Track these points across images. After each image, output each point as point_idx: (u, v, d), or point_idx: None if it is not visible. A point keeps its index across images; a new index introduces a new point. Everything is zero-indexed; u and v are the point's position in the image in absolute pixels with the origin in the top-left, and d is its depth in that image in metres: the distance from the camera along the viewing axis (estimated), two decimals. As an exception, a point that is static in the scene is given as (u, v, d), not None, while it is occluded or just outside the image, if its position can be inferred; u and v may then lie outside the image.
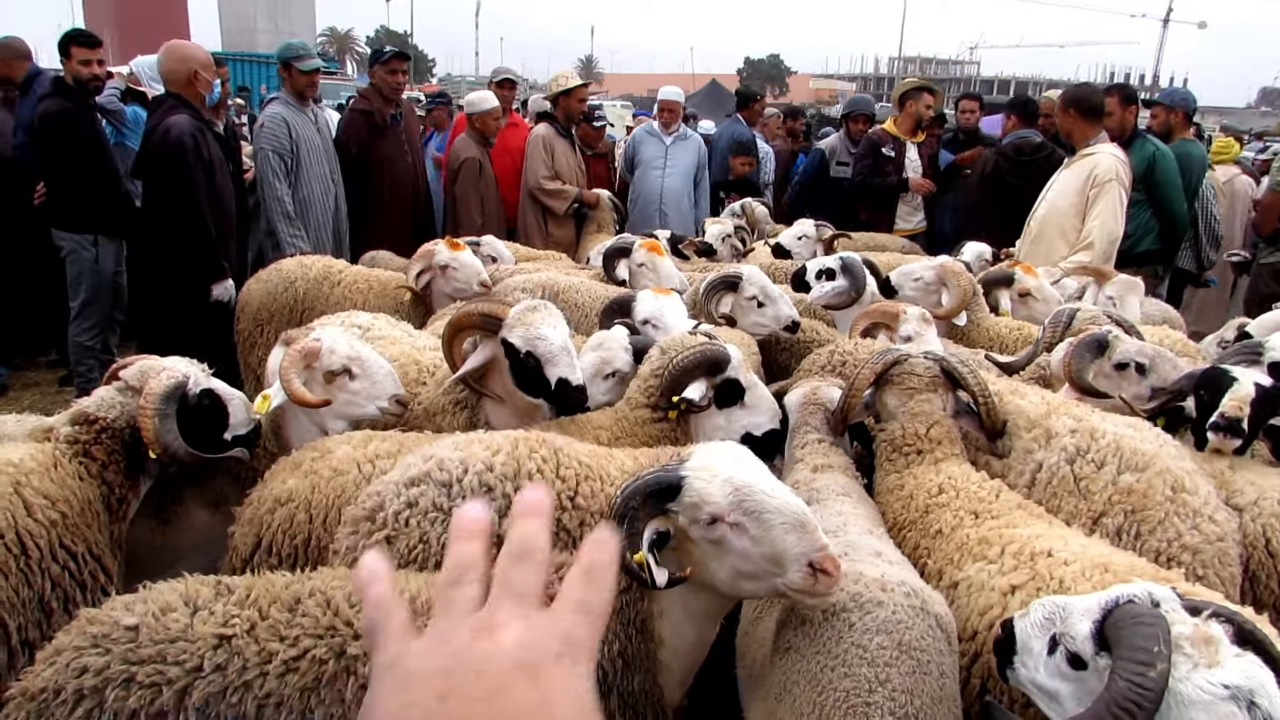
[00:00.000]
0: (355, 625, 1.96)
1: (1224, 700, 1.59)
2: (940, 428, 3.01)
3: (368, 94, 7.70)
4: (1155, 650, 1.63)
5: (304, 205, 6.91)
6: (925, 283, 5.01)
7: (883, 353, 3.20)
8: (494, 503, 2.50)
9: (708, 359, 3.22)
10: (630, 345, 3.66)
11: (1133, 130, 6.89)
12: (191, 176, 5.64)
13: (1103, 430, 2.86)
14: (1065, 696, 1.88)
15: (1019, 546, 2.45)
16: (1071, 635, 1.85)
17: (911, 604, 2.08)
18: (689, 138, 8.94)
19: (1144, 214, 6.87)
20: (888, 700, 1.91)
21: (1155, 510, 2.59)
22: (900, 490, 2.94)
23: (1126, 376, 3.52)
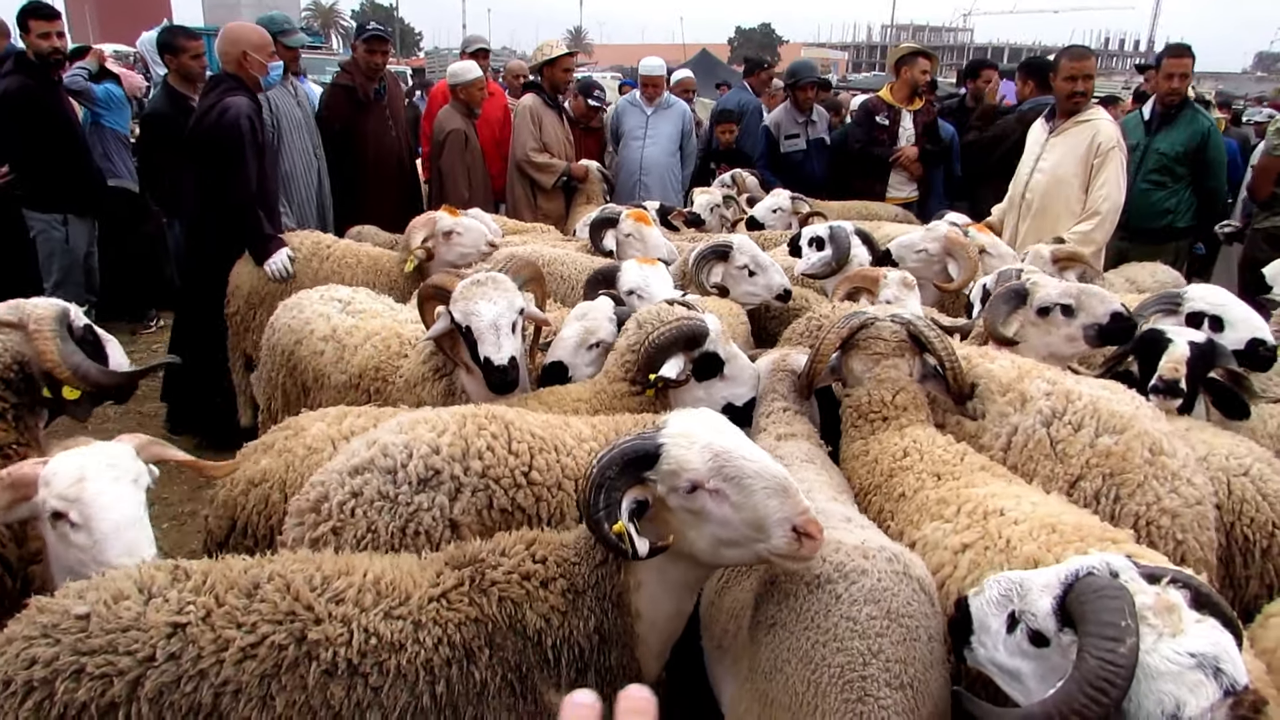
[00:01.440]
0: (316, 609, 1.90)
1: (1191, 669, 1.59)
2: (906, 394, 2.99)
3: (349, 68, 7.56)
4: (1123, 624, 1.61)
5: (286, 179, 6.82)
6: (929, 254, 4.95)
7: (849, 316, 3.15)
8: (443, 485, 2.43)
9: (684, 334, 3.17)
10: (615, 315, 3.63)
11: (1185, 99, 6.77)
12: (244, 158, 5.47)
13: (1078, 392, 2.82)
14: (1028, 675, 1.86)
15: (974, 505, 2.46)
16: (1032, 612, 1.82)
17: (894, 569, 2.05)
18: (672, 106, 8.82)
19: (1185, 190, 6.84)
20: (883, 672, 1.90)
21: (1134, 473, 2.56)
22: (865, 455, 2.93)
23: (1053, 321, 3.48)
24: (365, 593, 1.97)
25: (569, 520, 2.58)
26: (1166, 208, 6.87)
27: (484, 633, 2.00)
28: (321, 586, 1.96)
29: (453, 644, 1.95)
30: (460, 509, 2.42)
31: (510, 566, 2.10)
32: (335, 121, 7.31)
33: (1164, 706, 1.58)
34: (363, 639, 1.89)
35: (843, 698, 1.87)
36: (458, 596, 2.02)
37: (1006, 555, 2.26)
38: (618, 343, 3.35)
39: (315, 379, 4.01)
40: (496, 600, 2.03)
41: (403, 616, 1.95)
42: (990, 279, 4.14)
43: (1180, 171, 6.80)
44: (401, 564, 2.12)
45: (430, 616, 1.98)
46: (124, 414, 7.06)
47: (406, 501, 2.40)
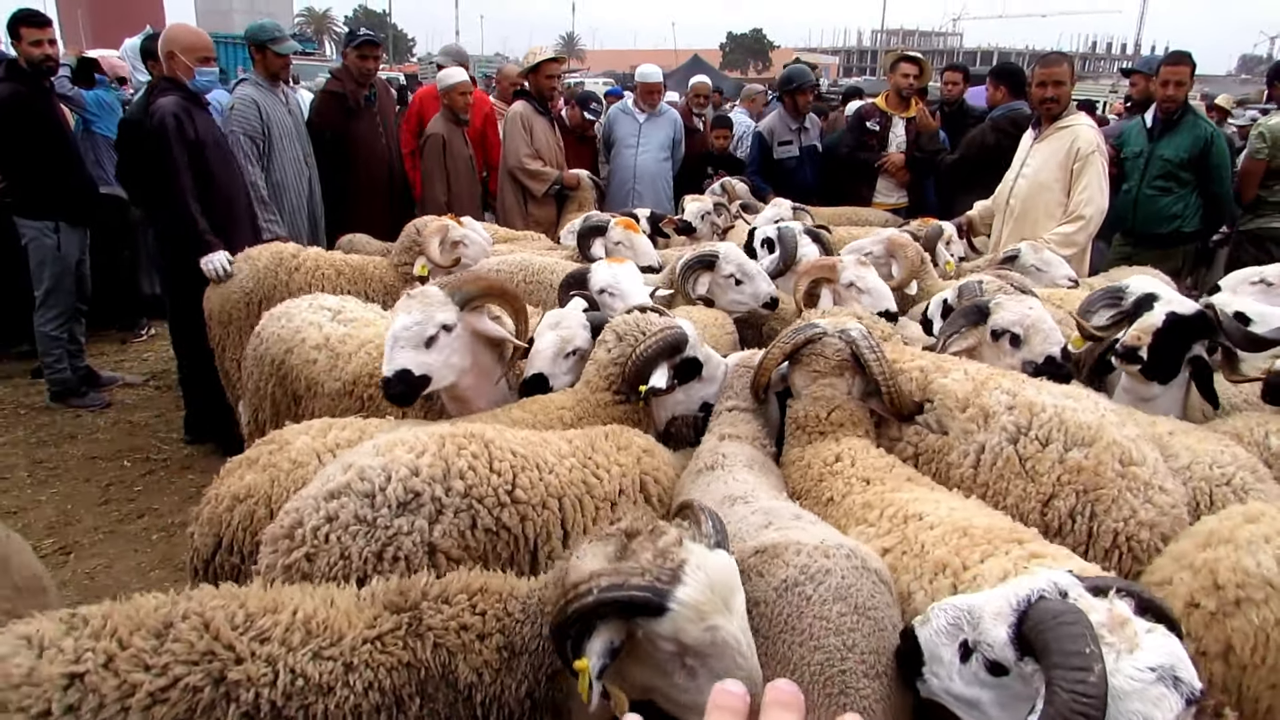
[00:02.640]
0: (237, 648, 1.80)
1: (1153, 684, 1.58)
2: (842, 412, 3.02)
3: (340, 75, 7.59)
4: (1087, 652, 1.59)
5: (278, 189, 6.82)
6: (874, 257, 5.09)
7: (797, 330, 3.18)
8: (423, 508, 2.38)
9: (668, 345, 3.23)
10: (588, 321, 3.67)
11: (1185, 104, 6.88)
12: (172, 156, 5.54)
13: (1041, 404, 2.78)
14: (988, 704, 1.84)
15: (895, 510, 2.47)
16: (988, 643, 1.80)
17: (854, 565, 2.08)
18: (664, 114, 8.83)
19: (1191, 195, 6.94)
20: (859, 664, 1.92)
21: (1108, 488, 2.54)
22: (800, 461, 2.98)
23: (1002, 347, 3.49)
24: (293, 631, 1.87)
25: (555, 541, 2.55)
26: (1174, 213, 6.98)
27: (416, 679, 1.90)
28: (245, 624, 1.85)
29: (383, 689, 1.86)
30: (441, 532, 2.38)
31: (449, 615, 2.00)
32: (326, 128, 7.33)
33: None
34: (288, 680, 1.79)
35: (825, 693, 1.89)
36: (393, 640, 1.93)
37: (920, 559, 2.28)
38: (597, 354, 3.38)
39: (308, 387, 4.00)
40: (431, 646, 1.94)
41: (333, 658, 1.86)
42: (951, 294, 4.17)
43: (1185, 177, 6.91)
44: (338, 602, 2.02)
45: (363, 659, 1.88)
46: (114, 423, 7.08)
47: (385, 525, 2.33)
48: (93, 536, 5.43)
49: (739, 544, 2.26)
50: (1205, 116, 7.10)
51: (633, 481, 2.80)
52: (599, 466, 2.76)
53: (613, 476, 2.75)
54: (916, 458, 2.99)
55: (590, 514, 2.65)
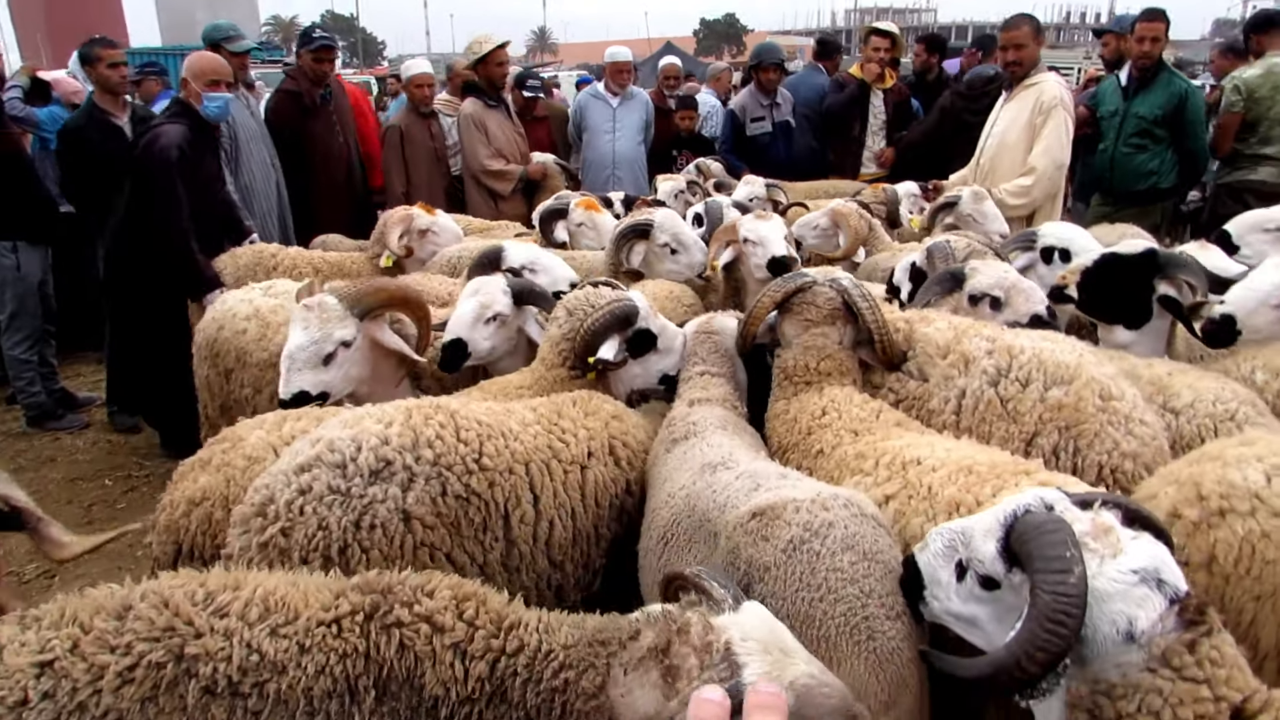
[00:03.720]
0: (197, 623, 1.76)
1: (1136, 585, 1.63)
2: (831, 361, 3.00)
3: (295, 75, 7.48)
4: (1068, 555, 1.64)
5: (247, 193, 6.74)
6: (822, 229, 5.18)
7: (788, 278, 3.17)
8: (395, 475, 2.36)
9: (618, 317, 3.20)
10: (509, 288, 3.64)
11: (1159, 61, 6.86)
12: (173, 191, 5.36)
13: (1020, 346, 2.80)
14: (984, 619, 1.89)
15: (891, 458, 2.50)
16: (979, 559, 1.86)
17: (852, 513, 2.10)
18: (635, 97, 8.78)
19: (1166, 151, 6.93)
20: (880, 608, 1.96)
21: (1089, 423, 2.54)
22: (786, 415, 2.97)
23: (981, 311, 3.45)
24: (251, 607, 1.82)
25: (525, 505, 2.54)
26: (1150, 169, 6.98)
27: (375, 673, 1.80)
28: (204, 601, 1.82)
29: (334, 676, 1.77)
30: (414, 499, 2.37)
31: (426, 611, 1.87)
32: (283, 127, 7.24)
33: (1118, 625, 1.61)
34: (243, 654, 1.74)
35: (853, 641, 1.92)
36: (350, 625, 1.83)
37: (930, 501, 2.29)
38: (550, 331, 3.35)
39: (237, 359, 3.99)
40: (397, 645, 1.82)
41: (288, 636, 1.79)
42: (919, 255, 4.11)
43: (1160, 134, 6.91)
44: (301, 581, 1.95)
45: (316, 641, 1.80)
46: (93, 444, 6.99)
47: (360, 494, 2.32)
48: (77, 558, 5.34)
49: (732, 510, 2.25)
50: (1179, 74, 7.08)
51: (601, 445, 2.83)
52: (565, 432, 2.78)
53: (580, 440, 2.77)
54: (897, 405, 2.99)
55: (559, 477, 2.67)
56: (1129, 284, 3.53)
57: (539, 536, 2.59)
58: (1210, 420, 2.79)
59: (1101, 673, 1.64)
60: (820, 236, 5.17)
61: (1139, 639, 1.60)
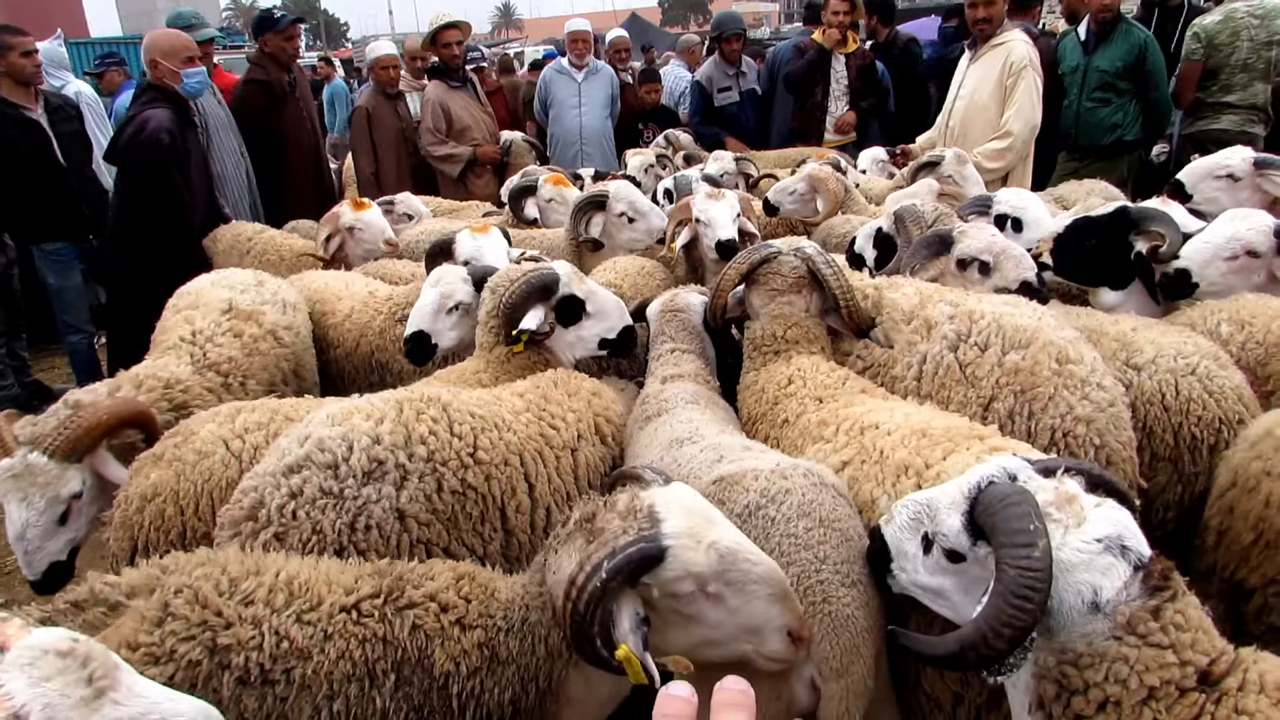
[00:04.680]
0: (226, 613, 1.79)
1: (1100, 554, 1.65)
2: (798, 329, 3.04)
3: (262, 62, 7.31)
4: (1032, 528, 1.64)
5: (219, 181, 6.62)
6: (800, 194, 5.14)
7: (752, 250, 3.20)
8: (388, 475, 2.33)
9: (534, 286, 3.19)
10: (469, 275, 3.62)
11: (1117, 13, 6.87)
12: (169, 176, 5.34)
13: (980, 311, 2.81)
14: (951, 590, 1.90)
15: (851, 424, 2.52)
16: (944, 533, 1.86)
17: (811, 482, 2.13)
18: (599, 71, 8.73)
19: (1130, 104, 6.94)
20: (835, 574, 1.98)
21: (1044, 386, 2.56)
22: (755, 385, 3.01)
23: (969, 276, 3.43)
24: (277, 593, 1.86)
25: (520, 495, 2.54)
26: (1114, 123, 7.00)
27: (391, 657, 1.86)
28: (229, 590, 1.84)
29: (354, 660, 1.83)
30: (408, 497, 2.34)
31: (431, 590, 1.95)
32: (254, 116, 7.13)
33: (1083, 595, 1.63)
34: (274, 643, 1.78)
35: (808, 602, 1.94)
36: (369, 609, 1.89)
37: (880, 465, 2.33)
38: (480, 314, 3.34)
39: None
40: (410, 627, 1.89)
41: (313, 623, 1.83)
42: (884, 221, 4.07)
43: (1123, 86, 6.91)
44: (321, 564, 2.00)
45: (337, 628, 1.85)
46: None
47: (354, 496, 2.28)
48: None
49: (695, 480, 2.27)
50: (1137, 25, 7.09)
51: (588, 425, 2.85)
52: (554, 417, 2.78)
53: (569, 424, 2.78)
54: (864, 372, 3.02)
55: (552, 464, 2.66)
56: (1106, 245, 3.55)
57: (536, 525, 2.57)
58: (1171, 375, 2.82)
59: (1068, 643, 1.65)
60: (798, 201, 5.16)
61: (1104, 608, 1.61)
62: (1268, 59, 6.86)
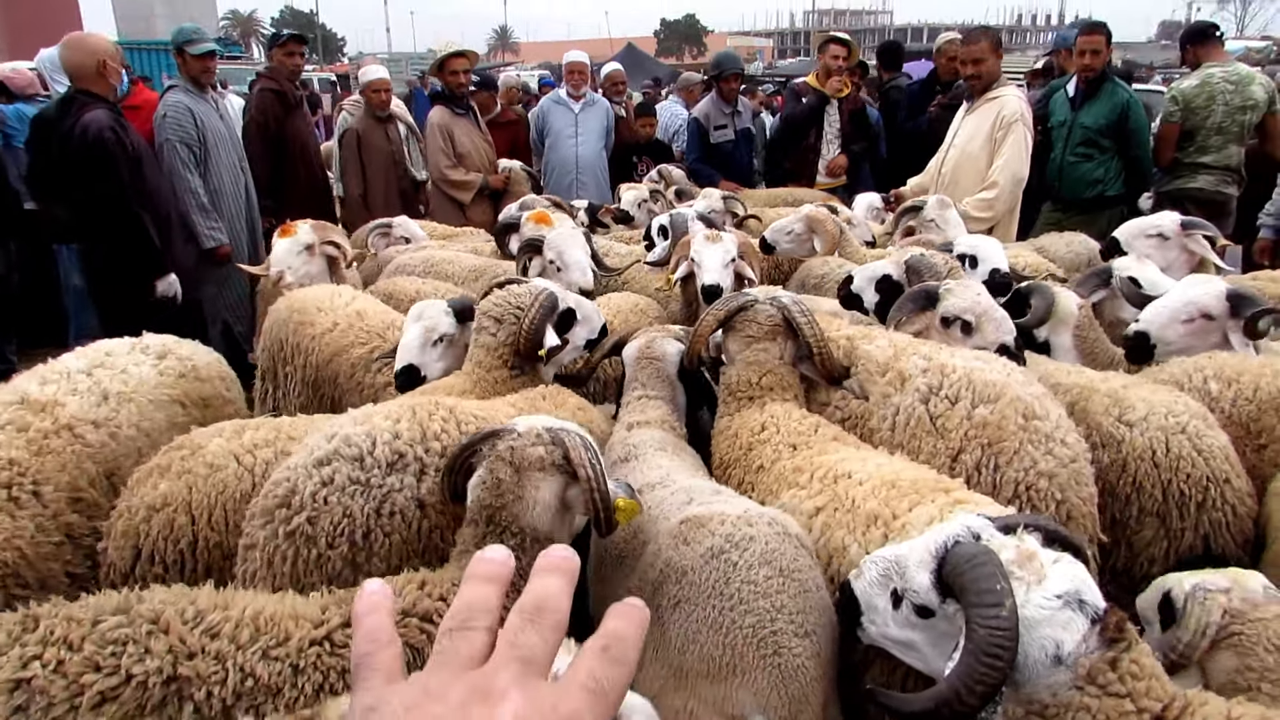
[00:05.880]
0: (189, 643, 1.80)
1: (1060, 610, 1.74)
2: (773, 376, 3.13)
3: (273, 74, 7.55)
4: (998, 589, 1.73)
5: (215, 196, 6.67)
6: (797, 234, 5.24)
7: (729, 298, 3.31)
8: (409, 466, 2.55)
9: (548, 308, 3.43)
10: (450, 308, 3.80)
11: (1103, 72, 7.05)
12: (118, 173, 5.46)
13: (953, 365, 2.90)
14: (921, 644, 1.99)
15: (825, 471, 2.60)
16: (914, 590, 1.95)
17: (775, 531, 2.18)
18: (596, 103, 8.87)
19: (1113, 161, 7.11)
20: (789, 624, 2.03)
21: (1010, 440, 2.64)
22: (729, 431, 3.10)
23: (952, 334, 3.48)
24: (242, 628, 1.86)
25: None
26: (1095, 178, 7.15)
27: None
28: (195, 620, 1.86)
29: (335, 693, 1.86)
30: (426, 489, 2.57)
31: (405, 605, 2.01)
32: (270, 124, 7.29)
33: (1046, 650, 1.73)
34: (238, 679, 1.79)
35: (759, 654, 1.99)
36: (344, 639, 1.91)
37: (852, 514, 2.40)
38: (482, 339, 3.46)
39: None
40: None
41: (279, 659, 1.85)
42: (891, 267, 4.11)
43: (1106, 144, 7.07)
44: (287, 600, 2.03)
45: (310, 661, 1.86)
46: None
47: (379, 484, 2.50)
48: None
49: (664, 521, 2.35)
50: (1122, 84, 7.31)
51: None
52: None
53: None
54: (843, 423, 3.10)
55: None
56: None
57: None
58: (1162, 433, 2.91)
59: (1034, 694, 1.75)
60: (794, 241, 5.26)
61: (1066, 660, 1.72)
62: (1241, 123, 7.07)
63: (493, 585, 0.71)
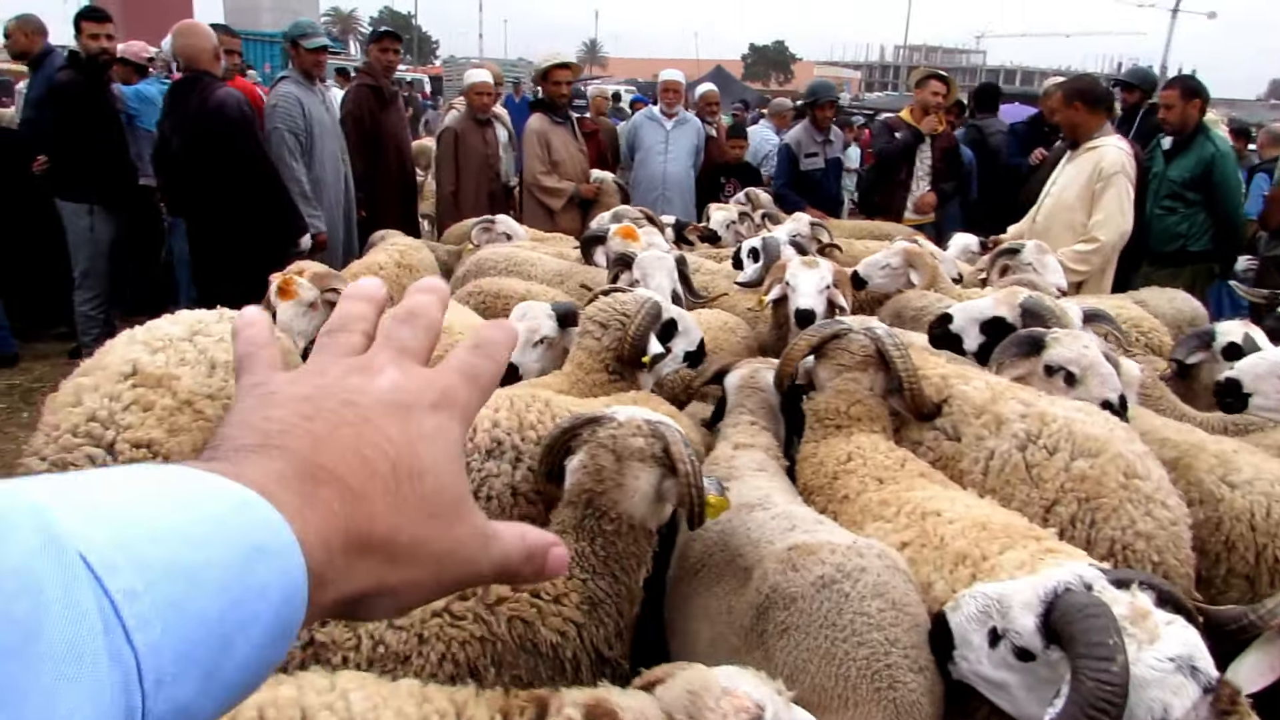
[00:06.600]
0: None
1: (1172, 673, 1.69)
2: (861, 406, 3.10)
3: (369, 70, 7.88)
4: (1111, 643, 1.68)
5: (318, 185, 6.96)
6: (893, 268, 5.18)
7: (823, 324, 3.32)
8: (505, 454, 2.63)
9: (652, 316, 3.48)
10: (553, 311, 3.91)
11: (1196, 126, 6.89)
12: (260, 144, 6.02)
13: (1053, 415, 2.84)
14: (1015, 686, 1.95)
15: (913, 507, 2.56)
16: (1016, 630, 1.90)
17: (886, 564, 2.16)
18: (688, 122, 8.96)
19: (1199, 214, 6.95)
20: (904, 658, 2.00)
21: (1109, 497, 2.59)
22: (813, 458, 3.07)
23: (1055, 383, 3.36)
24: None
25: None
26: (1178, 232, 6.99)
27: (491, 651, 1.98)
28: None
29: (457, 661, 1.96)
30: (520, 476, 2.65)
31: (500, 594, 2.09)
32: (365, 118, 7.56)
33: (1153, 713, 1.68)
34: (370, 646, 1.90)
35: (874, 687, 1.96)
36: (462, 611, 2.02)
37: (940, 551, 2.37)
38: (586, 343, 3.53)
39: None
40: (506, 620, 2.03)
41: (405, 628, 1.96)
42: (1005, 309, 3.91)
43: (1191, 197, 6.91)
44: None
45: (433, 631, 1.96)
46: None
47: (478, 469, 2.60)
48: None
49: (767, 546, 2.34)
50: (1216, 137, 7.08)
51: None
52: None
53: None
54: (934, 463, 3.06)
55: None
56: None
57: None
58: (1265, 498, 2.84)
59: None
60: (888, 276, 5.19)
61: None
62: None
63: (369, 303, 0.74)
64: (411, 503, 0.60)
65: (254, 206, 6.00)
